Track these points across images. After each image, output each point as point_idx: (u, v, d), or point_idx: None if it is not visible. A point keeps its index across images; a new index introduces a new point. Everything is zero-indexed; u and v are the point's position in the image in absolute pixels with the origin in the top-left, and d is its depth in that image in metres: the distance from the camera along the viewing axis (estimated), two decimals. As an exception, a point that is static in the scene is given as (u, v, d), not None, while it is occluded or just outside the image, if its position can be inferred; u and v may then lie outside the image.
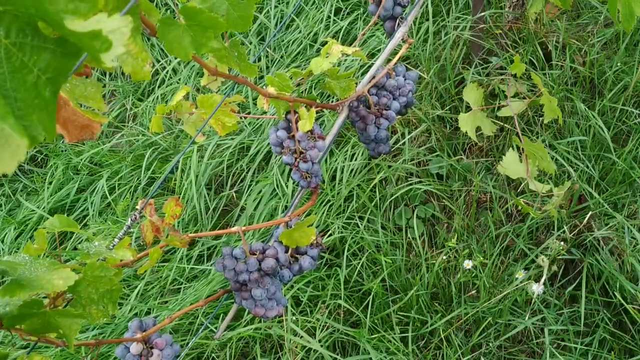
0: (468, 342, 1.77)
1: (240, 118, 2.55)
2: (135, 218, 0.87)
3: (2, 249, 2.63)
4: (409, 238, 2.08)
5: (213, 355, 1.94)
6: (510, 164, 1.44)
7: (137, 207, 0.88)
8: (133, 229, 2.32)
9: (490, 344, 1.73)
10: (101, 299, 0.75)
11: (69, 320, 0.70)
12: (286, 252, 1.13)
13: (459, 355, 1.72)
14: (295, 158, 1.12)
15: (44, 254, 0.82)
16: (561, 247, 1.65)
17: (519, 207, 2.08)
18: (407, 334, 1.78)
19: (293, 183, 2.23)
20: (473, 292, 1.85)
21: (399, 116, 1.34)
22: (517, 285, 1.70)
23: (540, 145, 1.38)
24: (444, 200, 2.15)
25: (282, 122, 1.13)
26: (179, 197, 2.42)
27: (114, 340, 0.86)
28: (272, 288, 1.09)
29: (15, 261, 0.70)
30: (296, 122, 1.12)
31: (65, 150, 2.94)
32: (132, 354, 0.99)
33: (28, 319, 0.69)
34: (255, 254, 1.07)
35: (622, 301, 1.65)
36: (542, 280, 1.60)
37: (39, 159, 3.07)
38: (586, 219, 1.76)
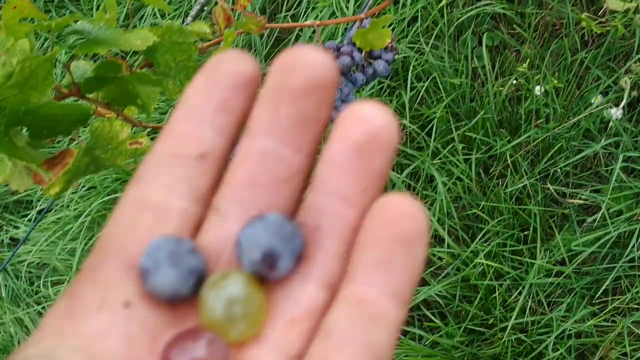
0: (534, 169, 1.73)
1: None
2: (208, -6, 0.81)
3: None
4: (474, 64, 1.98)
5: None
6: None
7: (209, -17, 0.81)
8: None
9: (558, 171, 1.69)
10: (177, 74, 0.71)
11: (148, 88, 0.67)
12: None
13: (524, 181, 1.69)
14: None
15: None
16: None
17: (597, 33, 1.94)
18: (470, 156, 1.74)
19: (354, 4, 2.11)
20: (542, 120, 1.78)
21: None
22: (592, 110, 1.61)
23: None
24: (514, 27, 2.02)
25: None
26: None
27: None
28: (345, 90, 1.04)
29: (90, 24, 0.66)
30: None
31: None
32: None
33: (105, 86, 0.66)
34: (330, 51, 1.01)
35: None
36: (622, 103, 1.52)
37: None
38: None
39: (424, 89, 1.89)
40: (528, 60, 1.88)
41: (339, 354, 0.36)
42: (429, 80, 1.92)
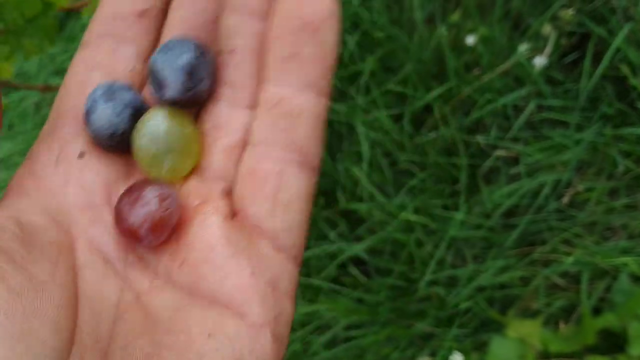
0: (462, 123, 1.80)
1: None
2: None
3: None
4: (409, 14, 2.02)
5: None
6: None
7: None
8: None
9: (486, 120, 1.76)
10: (34, 33, 0.75)
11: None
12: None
13: (453, 134, 1.76)
14: None
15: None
16: (570, 14, 1.60)
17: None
18: (400, 110, 1.80)
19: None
20: (475, 70, 1.84)
21: None
22: (518, 58, 1.68)
23: None
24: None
25: None
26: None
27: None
28: None
29: None
30: None
31: None
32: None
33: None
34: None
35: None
36: (546, 51, 1.57)
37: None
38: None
39: (355, 44, 1.94)
40: (460, 9, 1.93)
41: (265, 161, 0.37)
42: (359, 33, 1.96)
